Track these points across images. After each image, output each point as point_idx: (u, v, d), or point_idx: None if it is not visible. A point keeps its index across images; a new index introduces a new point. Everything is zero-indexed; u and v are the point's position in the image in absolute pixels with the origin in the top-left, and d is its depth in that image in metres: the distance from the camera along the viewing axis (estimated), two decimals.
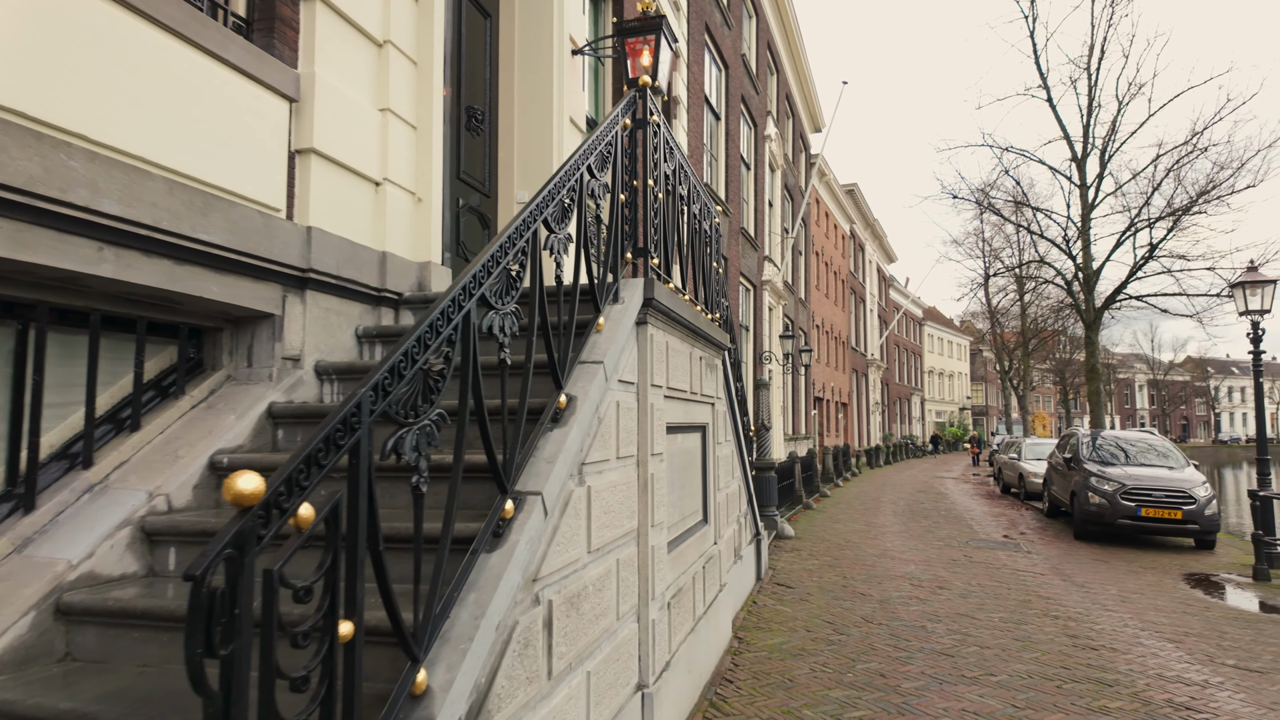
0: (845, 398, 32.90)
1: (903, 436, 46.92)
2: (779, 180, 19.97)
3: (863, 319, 37.98)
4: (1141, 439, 12.23)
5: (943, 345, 62.54)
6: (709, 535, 5.11)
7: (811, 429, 25.83)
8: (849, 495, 17.39)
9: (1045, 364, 58.19)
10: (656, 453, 3.62)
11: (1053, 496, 13.19)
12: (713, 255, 5.61)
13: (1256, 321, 9.36)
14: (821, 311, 28.06)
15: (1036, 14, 14.80)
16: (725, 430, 5.94)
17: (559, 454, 2.44)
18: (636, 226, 3.58)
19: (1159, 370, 78.15)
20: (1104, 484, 10.58)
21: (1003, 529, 12.13)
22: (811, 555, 9.16)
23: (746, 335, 16.52)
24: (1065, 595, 7.32)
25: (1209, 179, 13.43)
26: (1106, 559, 9.65)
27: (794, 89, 22.52)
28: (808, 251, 25.50)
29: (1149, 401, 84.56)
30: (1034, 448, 17.37)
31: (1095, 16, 14.48)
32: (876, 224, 38.76)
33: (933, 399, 59.19)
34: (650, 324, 3.58)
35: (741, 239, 15.36)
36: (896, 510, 14.46)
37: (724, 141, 14.39)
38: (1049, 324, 36.24)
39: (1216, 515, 10.18)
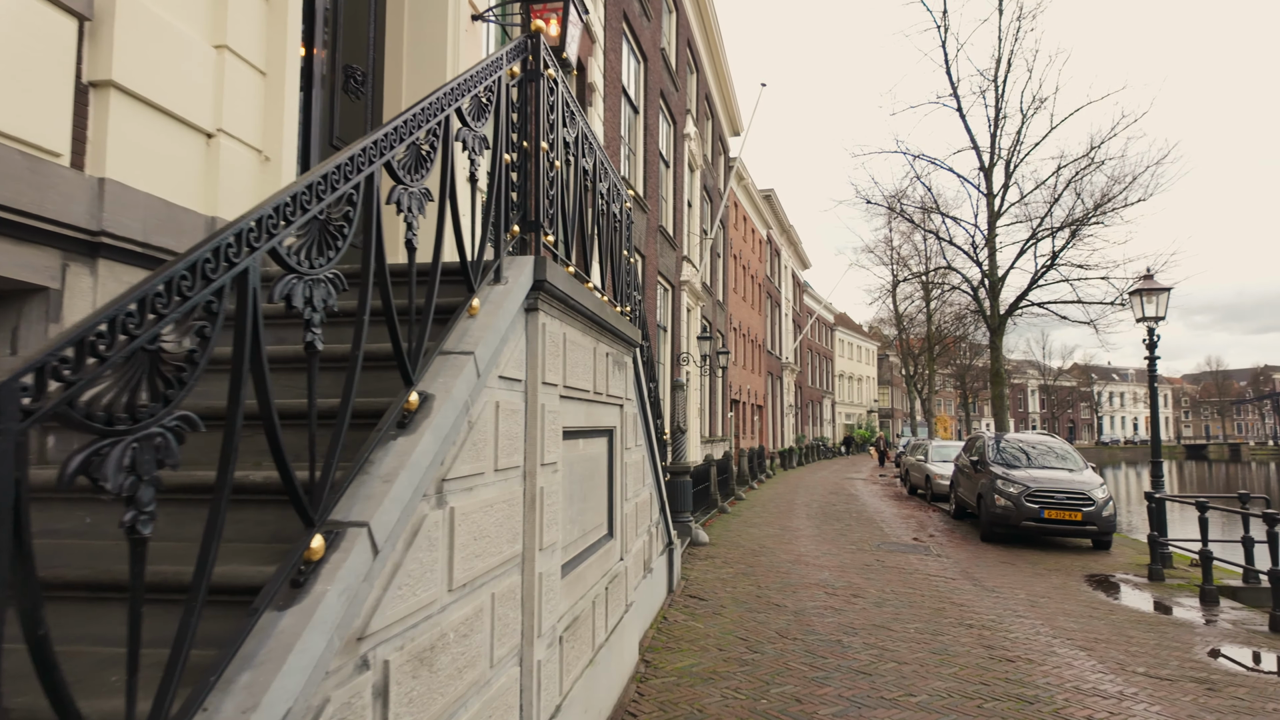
0: (761, 400, 33.21)
1: (815, 438, 48.00)
2: (698, 181, 19.78)
3: (778, 323, 38.53)
4: (1042, 441, 12.57)
5: (853, 350, 64.55)
6: (614, 551, 4.61)
7: (728, 431, 25.83)
8: (764, 498, 17.32)
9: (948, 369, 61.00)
10: (549, 462, 3.09)
11: (959, 498, 13.42)
12: (624, 242, 5.13)
13: (1152, 328, 9.68)
14: (739, 314, 28.16)
15: (948, 25, 15.17)
16: (636, 434, 5.47)
17: (401, 469, 1.88)
18: (527, 197, 3.05)
19: (1049, 376, 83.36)
20: (1009, 486, 10.74)
21: (912, 531, 12.20)
22: (726, 563, 8.81)
23: (664, 336, 16.18)
24: (978, 601, 7.23)
25: (1104, 192, 14.08)
26: (1013, 561, 9.75)
27: (714, 90, 22.43)
28: (726, 254, 25.50)
29: (1040, 405, 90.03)
30: (940, 450, 17.79)
31: (1002, 31, 14.99)
32: (792, 230, 39.42)
33: (843, 402, 60.96)
34: (543, 311, 3.05)
35: (660, 237, 15.00)
36: (810, 513, 14.42)
37: (642, 136, 13.99)
38: (952, 330, 37.78)
39: (1113, 516, 10.50)
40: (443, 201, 2.28)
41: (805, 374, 46.79)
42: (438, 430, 2.08)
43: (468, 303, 2.50)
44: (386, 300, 1.92)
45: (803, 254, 44.24)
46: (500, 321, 2.59)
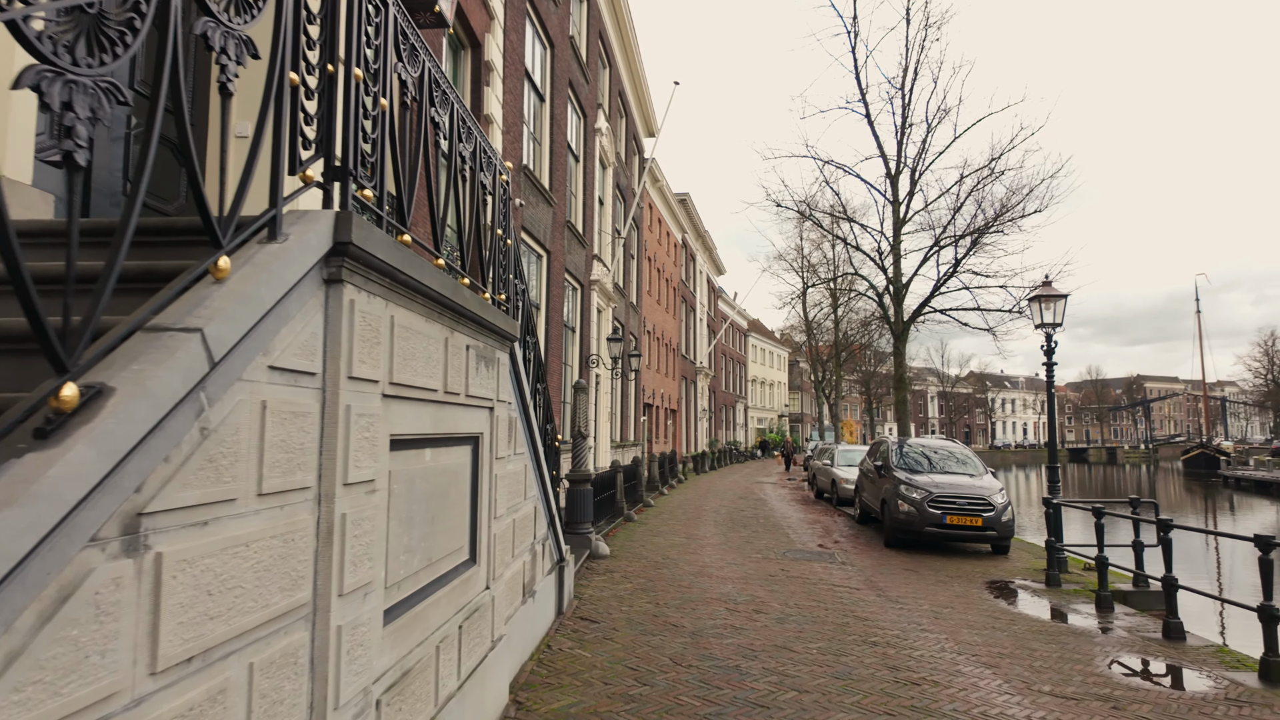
0: (675, 404, 33.01)
1: (728, 442, 48.37)
2: (610, 178, 19.25)
3: (693, 327, 38.52)
4: (944, 446, 12.64)
5: (765, 356, 65.70)
6: (477, 579, 3.94)
7: (640, 435, 25.39)
8: (673, 504, 16.90)
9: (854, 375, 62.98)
10: (359, 481, 2.41)
11: (864, 503, 13.36)
12: (498, 219, 4.46)
13: (1050, 334, 9.77)
14: (653, 318, 27.82)
15: (858, 31, 15.25)
16: (513, 441, 4.81)
17: (12, 504, 1.17)
18: (332, 134, 2.36)
19: (948, 383, 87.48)
20: (912, 492, 10.67)
21: (818, 537, 12.01)
22: (625, 577, 8.24)
23: (572, 336, 15.53)
24: (882, 614, 6.93)
25: (1003, 202, 14.44)
26: (916, 568, 9.62)
27: (628, 87, 21.99)
28: (640, 256, 25.09)
29: (939, 411, 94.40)
30: (846, 454, 17.88)
31: (909, 40, 15.17)
32: (707, 235, 39.55)
33: (755, 406, 61.89)
34: (353, 285, 2.37)
35: (568, 233, 14.36)
36: (718, 519, 14.07)
37: (549, 125, 13.32)
38: (858, 337, 38.78)
39: (1011, 521, 10.58)
40: (159, 92, 1.57)
41: (719, 379, 47.09)
42: (112, 440, 1.39)
43: (212, 260, 1.80)
44: (5, 241, 1.22)
45: (718, 260, 44.52)
46: (267, 291, 1.90)
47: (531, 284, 12.55)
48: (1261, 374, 60.58)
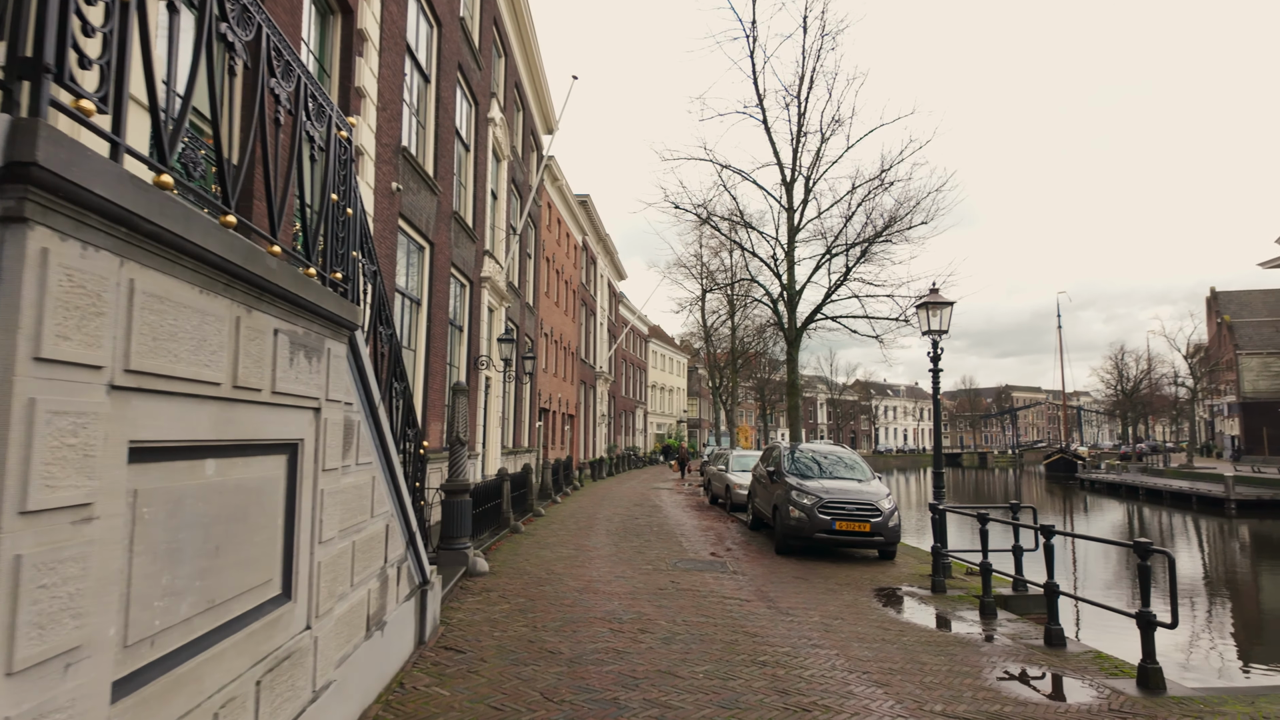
0: (573, 409, 32.34)
1: (627, 448, 48.13)
2: (505, 172, 18.45)
3: (593, 332, 38.00)
4: (833, 452, 12.67)
5: (665, 362, 66.13)
6: (292, 619, 3.22)
7: (536, 441, 24.58)
8: (566, 512, 16.27)
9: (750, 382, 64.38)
10: (56, 507, 1.71)
11: (756, 509, 13.23)
12: (334, 182, 3.75)
13: (936, 340, 9.87)
14: (551, 320, 27.08)
15: (756, 35, 15.25)
16: (354, 450, 4.09)
17: None
18: (20, 18, 1.65)
19: (836, 391, 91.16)
20: (803, 498, 10.54)
21: (710, 545, 11.72)
22: (503, 596, 7.57)
23: (460, 335, 14.64)
24: (772, 628, 6.61)
25: (892, 213, 14.78)
26: (806, 575, 9.45)
27: (525, 81, 21.25)
28: (538, 256, 24.33)
29: (827, 417, 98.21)
30: (740, 460, 17.83)
31: (806, 48, 15.31)
32: (608, 239, 39.18)
33: (655, 411, 62.10)
34: (48, 229, 1.67)
35: (454, 225, 13.49)
36: (611, 529, 13.57)
37: (434, 109, 12.45)
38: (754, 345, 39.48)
39: (898, 527, 10.64)
40: None
41: (619, 384, 46.80)
42: None
43: None
44: None
45: (619, 264, 44.24)
46: None
47: (411, 277, 11.64)
48: (1112, 385, 66.45)
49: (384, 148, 9.84)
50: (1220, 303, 57.23)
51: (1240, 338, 54.21)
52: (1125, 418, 68.23)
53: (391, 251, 10.11)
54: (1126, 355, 65.29)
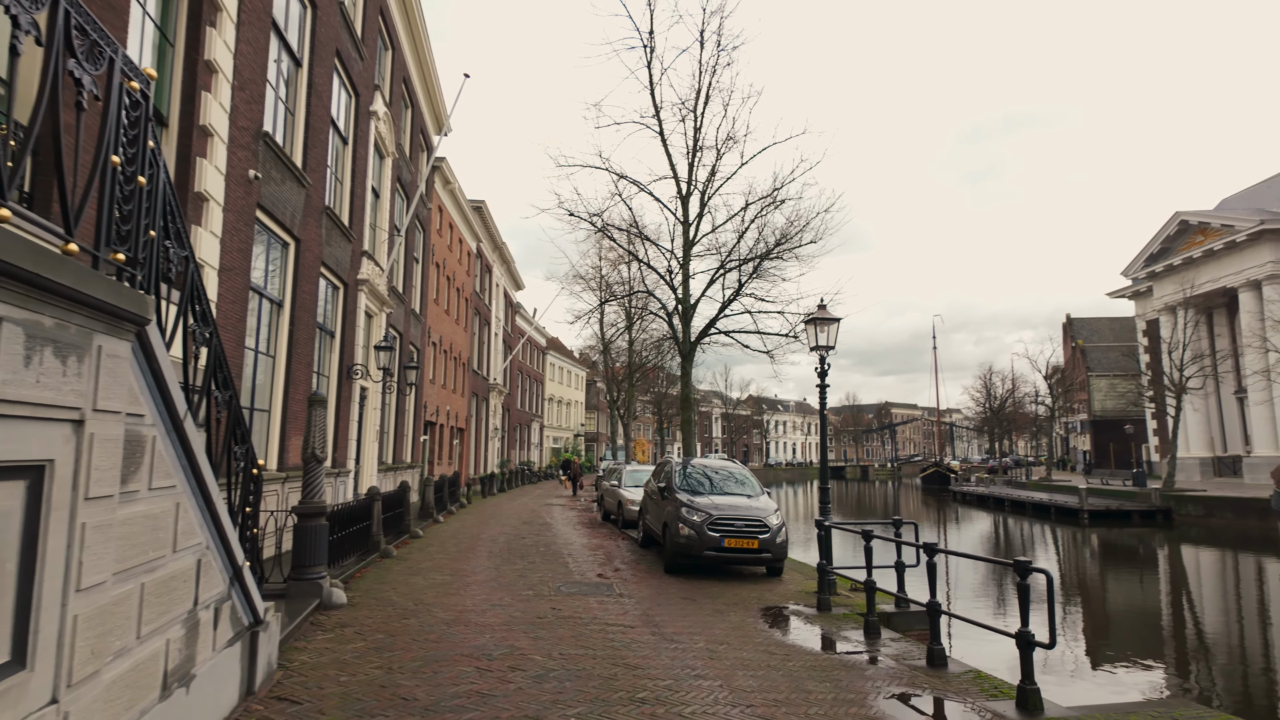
0: (463, 423, 31.09)
1: (521, 463, 46.97)
2: (390, 171, 17.42)
3: (487, 342, 36.85)
4: (724, 467, 12.50)
5: (563, 374, 65.34)
6: (24, 695, 2.48)
7: (420, 457, 23.33)
8: (448, 532, 15.34)
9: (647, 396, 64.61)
10: None
11: (647, 526, 12.88)
12: (117, 142, 3.04)
13: (823, 356, 9.87)
14: (441, 329, 25.91)
15: (653, 46, 15.09)
16: (144, 472, 3.35)
17: None
18: None
19: (730, 405, 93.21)
20: (693, 514, 10.26)
21: (598, 566, 11.24)
22: (359, 633, 6.78)
23: (330, 342, 13.53)
24: (655, 657, 6.19)
25: (783, 232, 14.94)
26: (694, 596, 9.14)
27: (415, 77, 20.28)
28: (427, 261, 23.22)
29: (722, 431, 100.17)
30: (634, 475, 17.48)
31: (703, 63, 15.30)
32: (505, 247, 38.23)
33: (552, 425, 61.11)
34: None
35: (327, 222, 12.47)
36: (494, 549, 12.83)
37: (306, 95, 11.47)
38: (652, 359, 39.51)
39: (785, 543, 10.53)
40: None
41: (515, 396, 45.66)
42: None
43: None
44: None
45: (516, 273, 43.28)
46: None
47: (273, 275, 10.58)
48: (981, 403, 71.22)
49: (241, 131, 8.85)
50: (1075, 329, 62.64)
51: (1091, 361, 59.45)
52: (993, 433, 73.26)
53: (247, 245, 9.09)
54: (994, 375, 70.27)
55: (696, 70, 15.21)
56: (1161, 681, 11.50)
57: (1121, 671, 11.68)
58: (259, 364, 10.05)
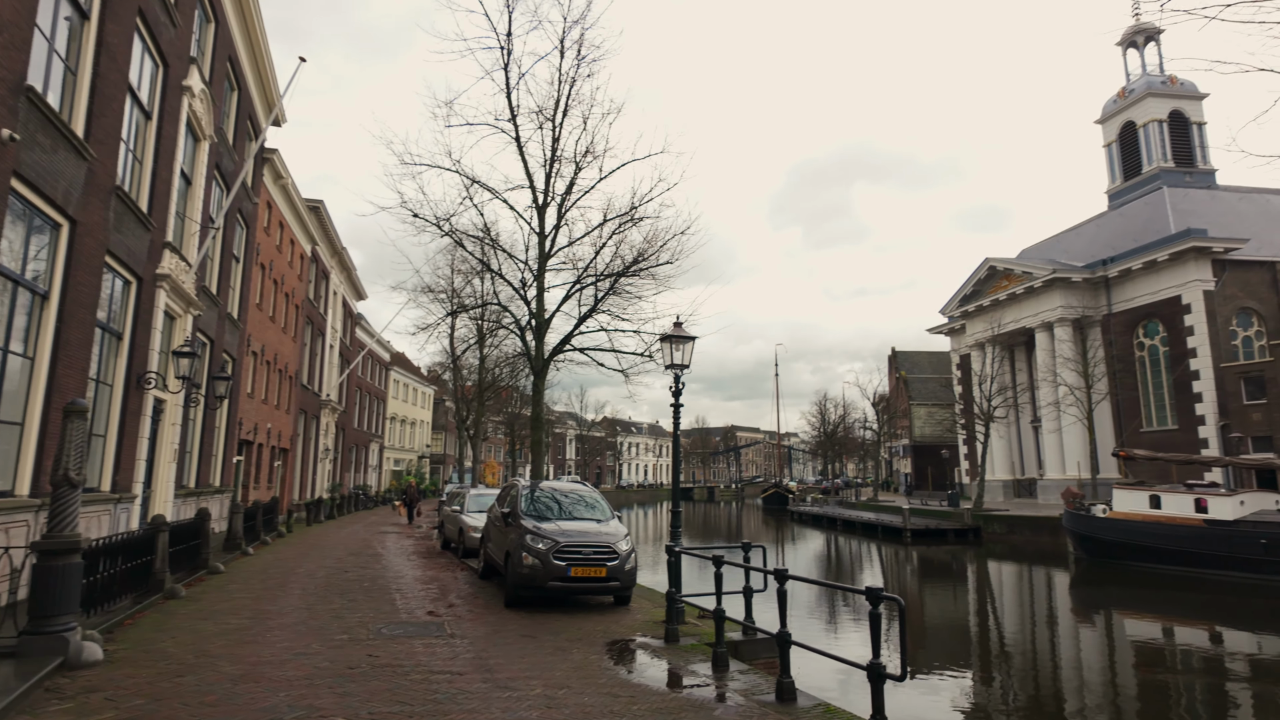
0: (288, 442, 28.27)
1: (356, 486, 43.68)
2: (207, 156, 15.44)
3: (321, 354, 33.99)
4: (574, 490, 11.87)
5: (408, 392, 62.01)
6: None
7: (232, 478, 20.76)
8: (257, 567, 13.52)
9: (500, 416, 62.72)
10: None
11: (488, 555, 11.97)
12: None
13: (678, 375, 9.58)
14: (264, 337, 23.41)
15: (511, 49, 14.49)
16: None
17: None
18: None
19: (585, 427, 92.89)
20: (538, 542, 9.54)
21: (431, 602, 10.20)
22: (111, 699, 5.46)
23: (117, 345, 11.55)
24: (484, 711, 5.43)
25: (641, 251, 14.72)
26: (535, 632, 8.40)
27: (245, 59, 18.31)
28: (250, 261, 20.89)
29: (576, 453, 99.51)
30: (478, 499, 16.42)
31: (563, 72, 14.87)
32: (345, 253, 35.63)
33: (394, 446, 57.62)
34: None
35: (117, 204, 10.64)
36: (311, 585, 11.38)
37: (94, 53, 9.74)
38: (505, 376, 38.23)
39: (634, 570, 10.05)
40: None
41: (352, 415, 42.49)
42: None
43: None
44: None
45: (357, 282, 40.49)
46: None
47: (35, 260, 8.75)
48: (816, 427, 75.70)
49: None
50: (899, 361, 68.28)
51: (913, 390, 64.95)
52: (826, 456, 78.01)
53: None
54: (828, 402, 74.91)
55: (556, 79, 14.76)
56: (969, 688, 12.27)
57: (935, 679, 12.26)
58: (7, 365, 8.22)
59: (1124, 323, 38.80)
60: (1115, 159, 48.55)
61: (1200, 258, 34.84)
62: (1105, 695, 11.91)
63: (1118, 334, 38.98)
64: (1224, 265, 34.89)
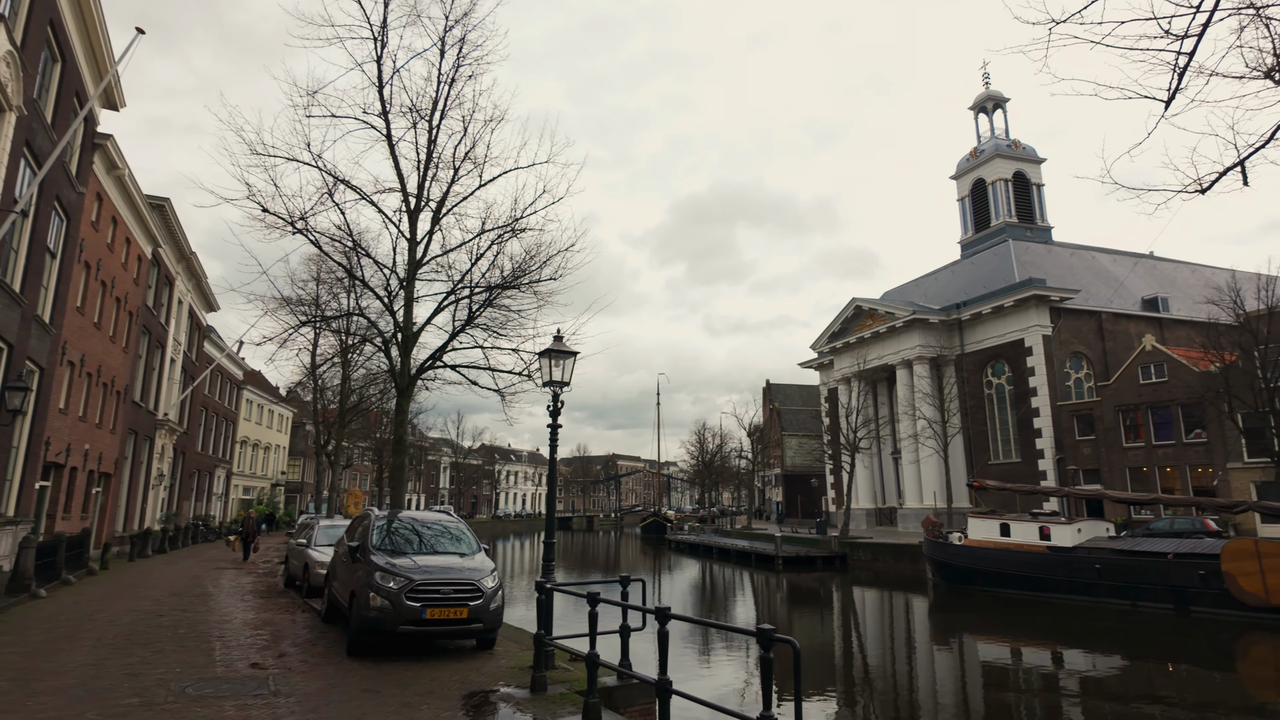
0: (111, 466, 24.84)
1: (196, 517, 39.33)
2: (12, 130, 13.24)
3: (160, 369, 30.42)
4: (439, 521, 10.71)
5: (264, 414, 57.15)
6: None
7: (32, 507, 17.75)
8: (45, 613, 11.35)
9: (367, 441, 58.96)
10: None
11: (333, 595, 10.58)
12: None
13: (557, 393, 8.85)
14: (85, 345, 20.45)
15: (385, 41, 13.37)
16: None
17: None
18: None
19: (461, 454, 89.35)
20: (389, 580, 8.40)
21: (258, 650, 8.77)
22: None
23: None
24: None
25: (522, 264, 13.92)
26: (379, 686, 7.28)
27: (73, 27, 16.11)
28: (70, 258, 18.21)
29: (450, 481, 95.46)
30: (329, 531, 14.77)
31: (442, 72, 13.96)
32: (195, 258, 32.32)
33: (244, 473, 52.68)
34: None
35: None
36: (110, 634, 9.57)
37: None
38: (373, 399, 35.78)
39: (501, 609, 9.07)
40: None
41: (195, 437, 38.36)
42: None
43: None
44: None
45: (209, 292, 36.87)
46: None
47: None
48: (696, 456, 76.67)
49: None
50: (773, 393, 70.59)
51: (785, 421, 67.14)
52: (704, 484, 79.07)
53: None
54: (707, 431, 76.23)
55: (436, 78, 13.81)
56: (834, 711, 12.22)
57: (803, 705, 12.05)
58: None
59: (975, 362, 41.83)
60: (968, 212, 52.92)
61: (1040, 305, 38.21)
62: (959, 713, 12.23)
63: (969, 372, 41.95)
64: (1060, 313, 38.43)
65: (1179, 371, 31.84)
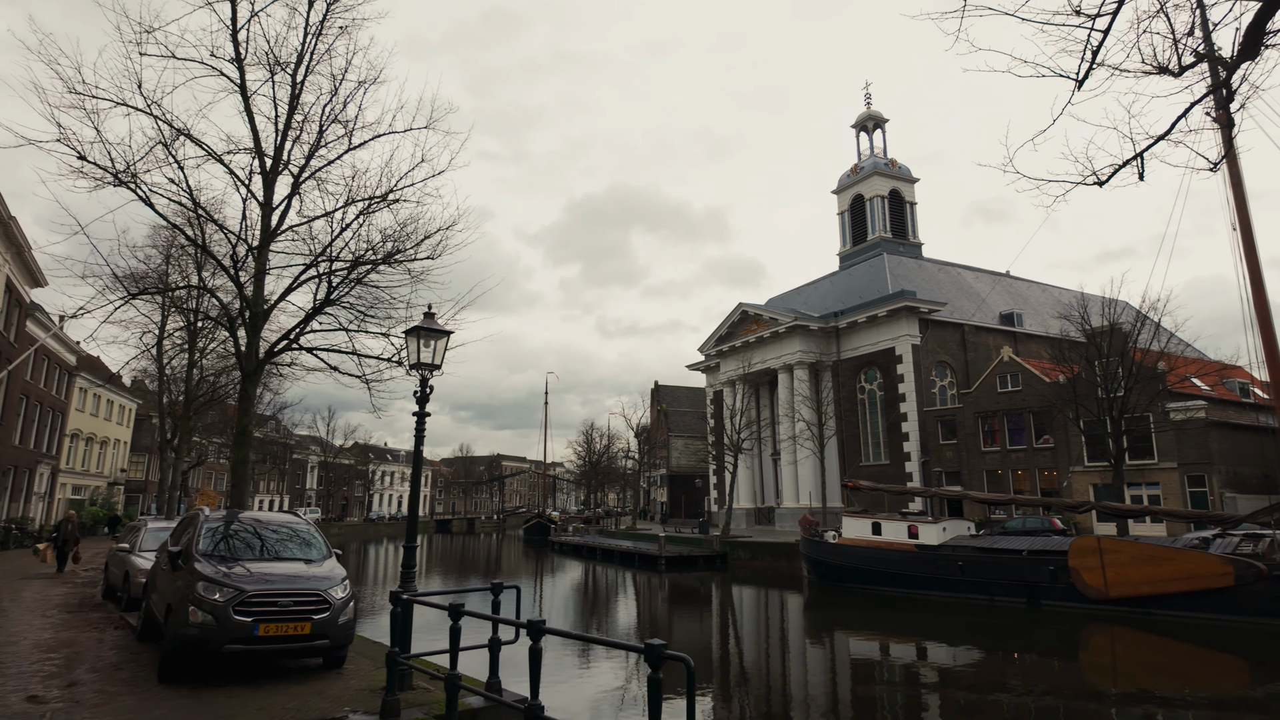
0: None
1: (10, 519, 34.42)
2: None
3: None
4: (285, 524, 9.38)
5: (102, 405, 51.19)
6: None
7: None
8: None
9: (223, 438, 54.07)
10: None
11: (150, 609, 9.06)
12: None
13: (426, 377, 7.87)
14: None
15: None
16: None
17: None
18: None
19: (331, 453, 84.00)
20: (214, 591, 7.13)
21: (44, 678, 7.24)
22: None
23: None
24: None
25: (395, 239, 12.68)
26: (195, 717, 6.06)
27: None
28: None
29: (319, 482, 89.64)
30: (158, 535, 12.88)
31: (309, 23, 12.49)
32: (14, 224, 28.24)
33: (74, 470, 46.87)
34: None
35: None
36: None
37: None
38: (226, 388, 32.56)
39: (351, 622, 7.95)
40: None
41: (11, 429, 33.57)
42: None
43: None
44: None
45: (33, 263, 32.34)
46: None
47: None
48: (583, 457, 75.86)
49: None
50: (661, 395, 71.01)
51: (672, 423, 67.68)
52: (590, 485, 78.44)
53: None
54: (595, 432, 75.60)
55: (303, 29, 12.32)
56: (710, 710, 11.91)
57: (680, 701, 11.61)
58: None
59: (850, 368, 43.60)
60: (847, 226, 55.30)
61: (910, 316, 40.29)
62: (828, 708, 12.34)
63: (845, 378, 43.67)
64: (928, 324, 40.68)
65: (1032, 381, 34.38)
